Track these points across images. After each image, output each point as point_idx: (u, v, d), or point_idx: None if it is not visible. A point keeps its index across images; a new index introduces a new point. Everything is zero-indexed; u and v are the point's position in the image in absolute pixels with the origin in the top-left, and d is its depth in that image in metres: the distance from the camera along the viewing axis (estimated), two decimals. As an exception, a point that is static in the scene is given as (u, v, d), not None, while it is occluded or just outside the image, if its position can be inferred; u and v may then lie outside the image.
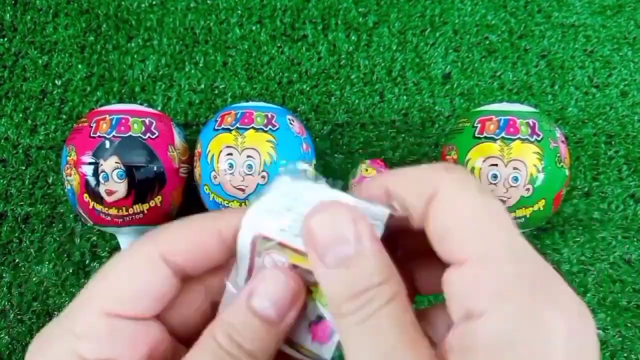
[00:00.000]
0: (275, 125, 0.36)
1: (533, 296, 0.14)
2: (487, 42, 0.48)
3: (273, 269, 0.18)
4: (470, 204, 0.16)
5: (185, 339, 0.20)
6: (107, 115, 0.36)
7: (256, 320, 0.16)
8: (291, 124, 0.38)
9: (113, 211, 0.36)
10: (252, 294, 0.17)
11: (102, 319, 0.16)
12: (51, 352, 0.16)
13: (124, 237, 0.38)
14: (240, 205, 0.36)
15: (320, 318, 0.18)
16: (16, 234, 0.43)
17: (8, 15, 0.48)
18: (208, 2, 0.49)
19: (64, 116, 0.45)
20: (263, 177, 0.35)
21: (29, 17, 0.48)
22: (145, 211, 0.36)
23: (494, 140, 0.35)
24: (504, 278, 0.14)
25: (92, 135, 0.36)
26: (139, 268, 0.17)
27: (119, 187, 0.35)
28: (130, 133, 0.36)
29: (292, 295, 0.17)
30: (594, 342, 0.14)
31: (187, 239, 0.18)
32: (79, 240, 0.42)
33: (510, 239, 0.15)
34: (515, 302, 0.14)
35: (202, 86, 0.46)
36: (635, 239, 0.44)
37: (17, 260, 0.42)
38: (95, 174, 0.35)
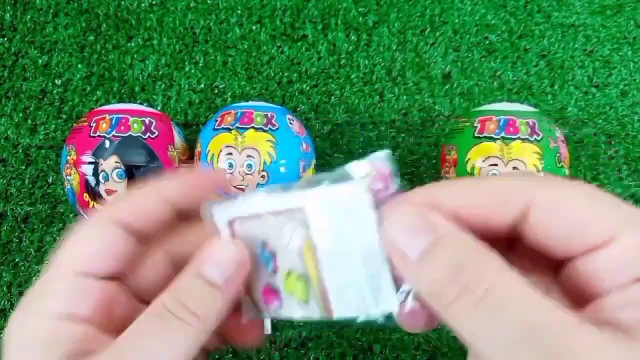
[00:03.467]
0: (275, 125, 0.36)
1: None
2: (487, 42, 0.48)
3: (222, 238, 0.19)
4: (579, 194, 0.16)
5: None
6: (107, 115, 0.36)
7: (205, 286, 0.18)
8: (291, 124, 0.38)
9: (113, 211, 0.36)
10: (203, 262, 0.18)
11: (65, 279, 0.18)
12: (29, 311, 0.18)
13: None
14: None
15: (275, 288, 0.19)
16: (16, 234, 0.43)
17: (8, 15, 0.48)
18: (208, 2, 0.49)
19: (64, 116, 0.45)
20: (263, 177, 0.35)
21: (29, 17, 0.48)
22: (145, 211, 0.36)
23: (494, 140, 0.35)
24: None
25: (92, 135, 0.36)
26: (94, 231, 0.19)
27: (119, 187, 0.35)
28: (130, 133, 0.36)
29: (239, 264, 0.19)
30: None
31: (132, 200, 0.20)
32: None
33: (630, 208, 0.16)
34: None
35: (202, 86, 0.46)
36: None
37: (17, 260, 0.42)
38: (96, 173, 0.35)
